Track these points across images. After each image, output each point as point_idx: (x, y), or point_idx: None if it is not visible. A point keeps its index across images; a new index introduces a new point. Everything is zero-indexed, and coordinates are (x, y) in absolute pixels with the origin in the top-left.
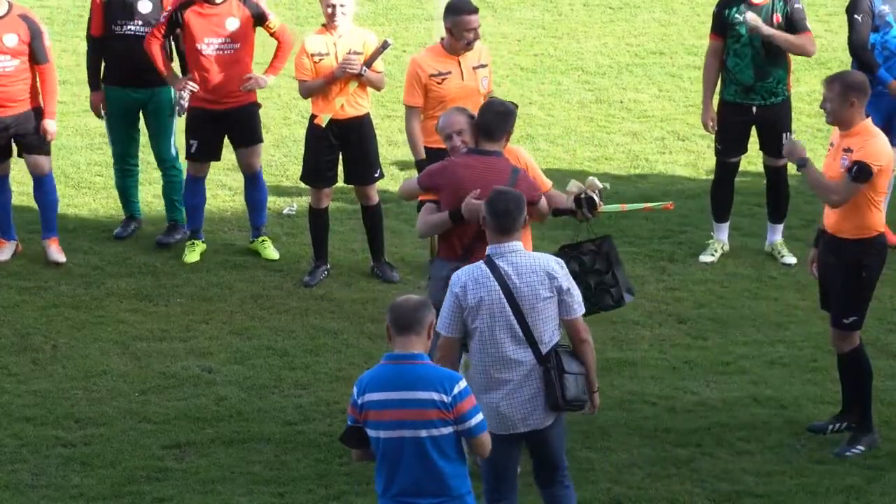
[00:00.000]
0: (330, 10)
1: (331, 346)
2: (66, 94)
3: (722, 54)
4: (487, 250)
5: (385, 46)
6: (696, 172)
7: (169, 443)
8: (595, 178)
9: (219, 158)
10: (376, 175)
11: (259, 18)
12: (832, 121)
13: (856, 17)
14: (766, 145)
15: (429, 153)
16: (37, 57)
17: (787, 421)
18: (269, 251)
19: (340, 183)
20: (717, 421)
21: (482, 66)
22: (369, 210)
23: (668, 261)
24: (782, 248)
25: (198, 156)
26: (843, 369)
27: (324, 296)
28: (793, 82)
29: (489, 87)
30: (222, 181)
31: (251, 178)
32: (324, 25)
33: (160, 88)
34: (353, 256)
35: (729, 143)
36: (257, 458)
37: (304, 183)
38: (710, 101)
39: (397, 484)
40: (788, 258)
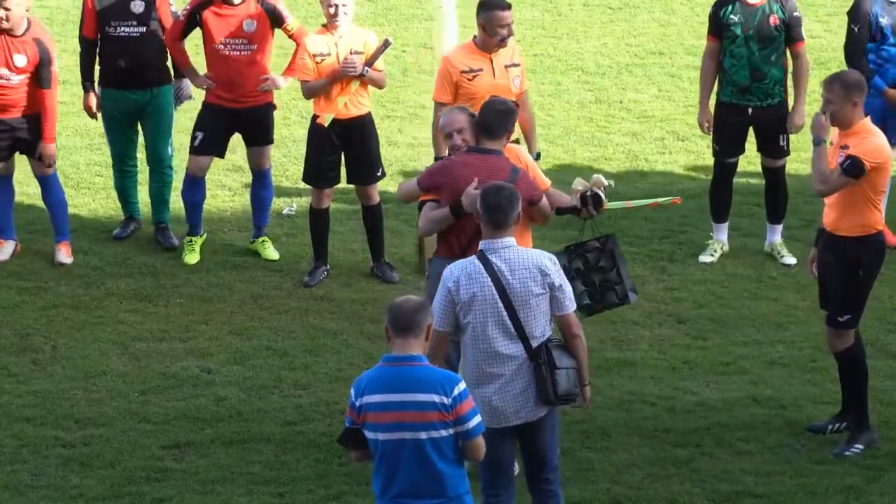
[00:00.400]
0: (332, 10)
1: (330, 347)
2: (65, 94)
3: (719, 55)
4: (480, 245)
5: (386, 45)
6: (696, 172)
7: (168, 443)
8: (601, 175)
9: (222, 155)
10: (378, 174)
11: (277, 20)
12: (834, 122)
13: (852, 27)
14: (763, 147)
15: None
16: (40, 81)
17: (786, 421)
18: (269, 251)
19: (342, 183)
20: (717, 421)
21: (514, 64)
22: (370, 210)
23: (667, 261)
24: (782, 249)
25: (200, 148)
26: (840, 368)
27: (323, 296)
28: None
29: (521, 87)
30: (222, 181)
31: (259, 175)
32: (324, 26)
33: (159, 89)
34: (352, 257)
35: (726, 143)
36: (257, 459)
37: (305, 183)
38: (706, 102)
39: (396, 485)
40: (788, 258)
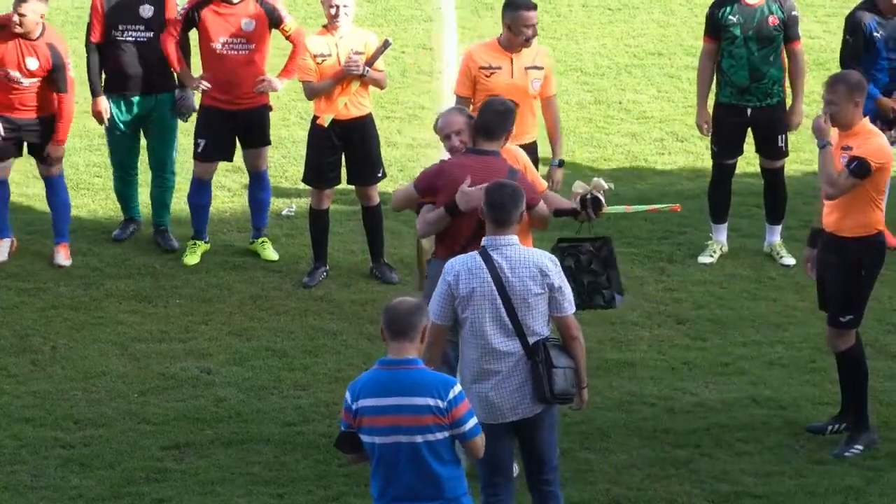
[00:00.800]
0: (333, 10)
1: (330, 347)
2: None
3: (716, 56)
4: (483, 241)
5: (386, 46)
6: (695, 173)
7: (168, 444)
8: (601, 178)
9: (230, 159)
10: (379, 175)
11: (275, 20)
12: (835, 123)
13: (847, 37)
14: (762, 147)
15: None
16: (57, 86)
17: (786, 422)
18: (269, 252)
19: (342, 184)
20: (716, 422)
21: (536, 67)
22: (370, 210)
23: (667, 262)
24: (781, 249)
25: (204, 155)
26: (840, 369)
27: (323, 297)
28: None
29: (545, 91)
30: (222, 182)
31: (256, 177)
32: (324, 26)
33: (164, 95)
34: (352, 257)
35: (724, 144)
36: (256, 459)
37: (305, 184)
38: (704, 103)
39: (393, 489)
40: (787, 259)
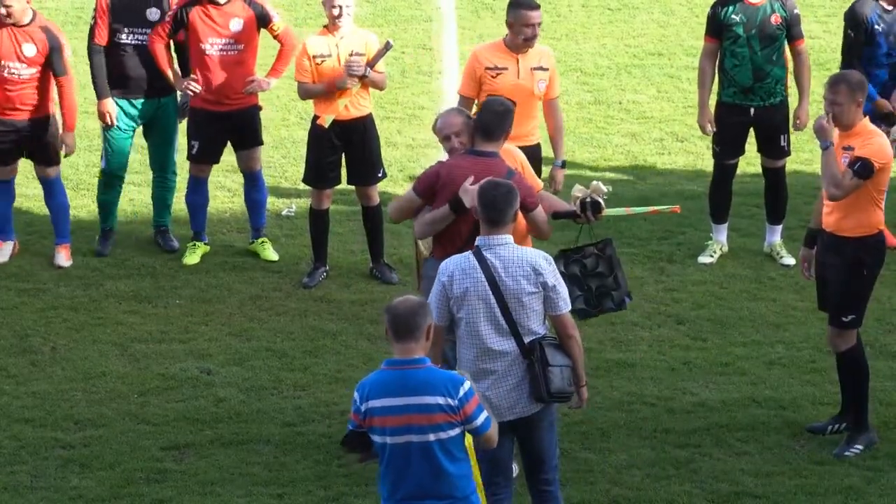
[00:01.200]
0: (336, 11)
1: (330, 348)
2: None
3: (717, 56)
4: (477, 241)
5: (387, 48)
6: (695, 173)
7: (168, 444)
8: (600, 181)
9: (218, 161)
10: (379, 175)
11: (263, 20)
12: (836, 123)
13: (849, 32)
14: (763, 147)
15: None
16: (55, 69)
17: (785, 422)
18: (269, 252)
19: (342, 184)
20: (716, 422)
21: (541, 68)
22: (370, 211)
23: (666, 262)
24: (781, 249)
25: (199, 157)
26: (840, 369)
27: (323, 297)
28: (790, 82)
29: (549, 93)
30: (221, 182)
31: (251, 178)
32: (325, 27)
33: (167, 98)
34: (352, 258)
35: (727, 144)
36: (256, 460)
37: (305, 184)
38: (706, 103)
39: (403, 488)
40: (787, 259)
